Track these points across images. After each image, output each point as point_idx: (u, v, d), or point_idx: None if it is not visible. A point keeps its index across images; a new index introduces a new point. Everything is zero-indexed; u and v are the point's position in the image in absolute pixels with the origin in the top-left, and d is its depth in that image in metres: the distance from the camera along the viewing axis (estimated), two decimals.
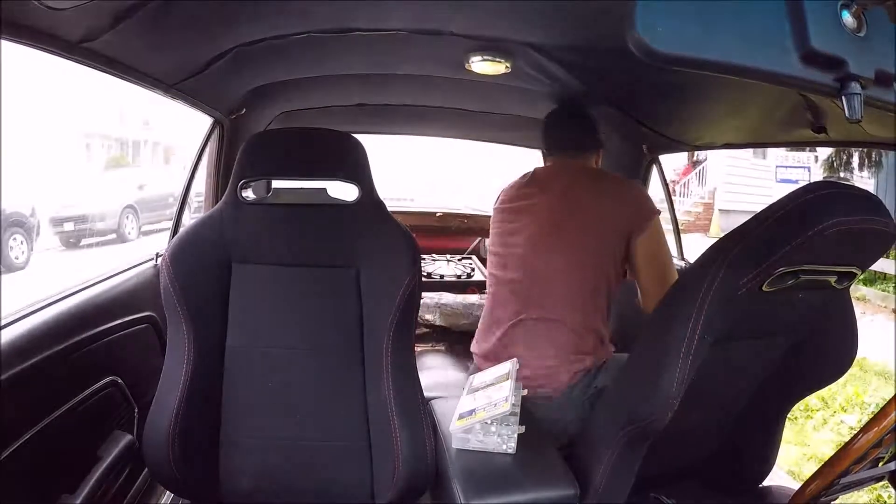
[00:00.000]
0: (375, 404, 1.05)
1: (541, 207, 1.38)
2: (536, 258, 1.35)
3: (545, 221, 1.36)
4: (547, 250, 1.35)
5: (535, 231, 1.37)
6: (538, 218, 1.37)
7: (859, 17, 0.51)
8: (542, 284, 1.34)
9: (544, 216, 1.37)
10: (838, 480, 0.97)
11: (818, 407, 3.07)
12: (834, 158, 7.32)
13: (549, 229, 1.35)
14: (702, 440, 1.19)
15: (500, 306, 1.41)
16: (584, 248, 1.33)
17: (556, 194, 1.38)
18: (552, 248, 1.34)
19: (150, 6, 0.85)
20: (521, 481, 1.02)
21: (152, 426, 1.02)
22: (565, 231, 1.34)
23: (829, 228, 0.81)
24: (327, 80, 1.56)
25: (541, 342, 1.33)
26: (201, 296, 1.04)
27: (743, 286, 0.88)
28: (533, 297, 1.35)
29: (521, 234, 1.39)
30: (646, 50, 0.44)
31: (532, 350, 1.33)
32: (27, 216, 6.88)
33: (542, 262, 1.35)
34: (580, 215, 1.34)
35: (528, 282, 1.36)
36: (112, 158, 12.86)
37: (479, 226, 2.54)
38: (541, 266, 1.35)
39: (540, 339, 1.34)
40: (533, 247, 1.36)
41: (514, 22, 1.10)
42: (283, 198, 1.14)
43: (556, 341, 1.32)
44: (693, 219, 10.13)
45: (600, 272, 1.34)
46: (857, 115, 0.50)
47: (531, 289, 1.35)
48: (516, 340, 1.36)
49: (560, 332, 1.32)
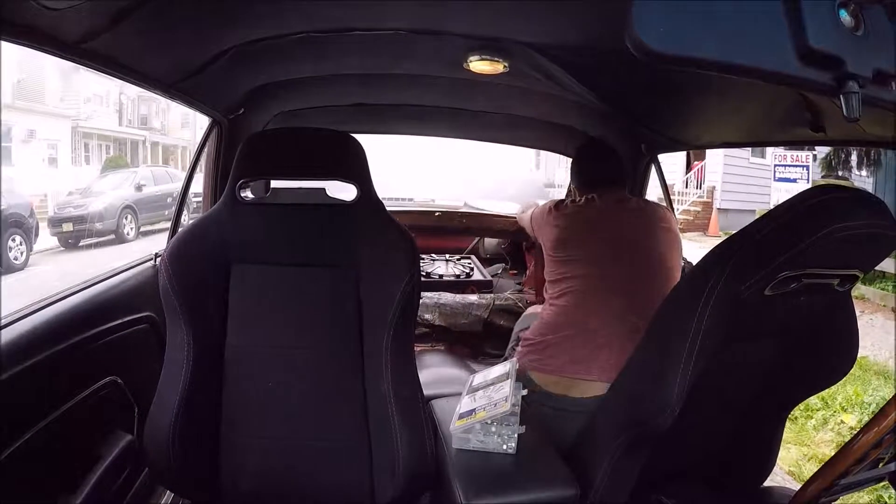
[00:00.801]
0: (375, 404, 1.05)
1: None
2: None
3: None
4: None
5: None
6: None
7: (857, 15, 0.51)
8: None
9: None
10: (838, 481, 0.97)
11: (818, 407, 3.07)
12: (832, 157, 7.32)
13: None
14: (702, 441, 1.19)
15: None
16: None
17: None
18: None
19: (148, 6, 0.85)
20: (522, 481, 1.02)
21: (152, 426, 1.02)
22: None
23: (833, 233, 0.81)
24: (326, 79, 1.56)
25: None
26: (200, 296, 1.04)
27: (745, 290, 0.88)
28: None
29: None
30: (643, 49, 0.44)
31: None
32: (26, 216, 6.88)
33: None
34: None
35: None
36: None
37: (478, 225, 2.54)
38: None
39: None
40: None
41: (513, 22, 1.10)
42: (282, 198, 1.14)
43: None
44: (692, 218, 10.13)
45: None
46: (856, 114, 0.50)
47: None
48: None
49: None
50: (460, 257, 2.54)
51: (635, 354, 1.08)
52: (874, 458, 0.95)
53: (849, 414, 3.04)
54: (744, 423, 1.18)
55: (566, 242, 1.46)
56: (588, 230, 1.46)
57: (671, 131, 1.74)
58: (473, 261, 2.52)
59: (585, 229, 1.46)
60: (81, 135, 13.16)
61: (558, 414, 1.30)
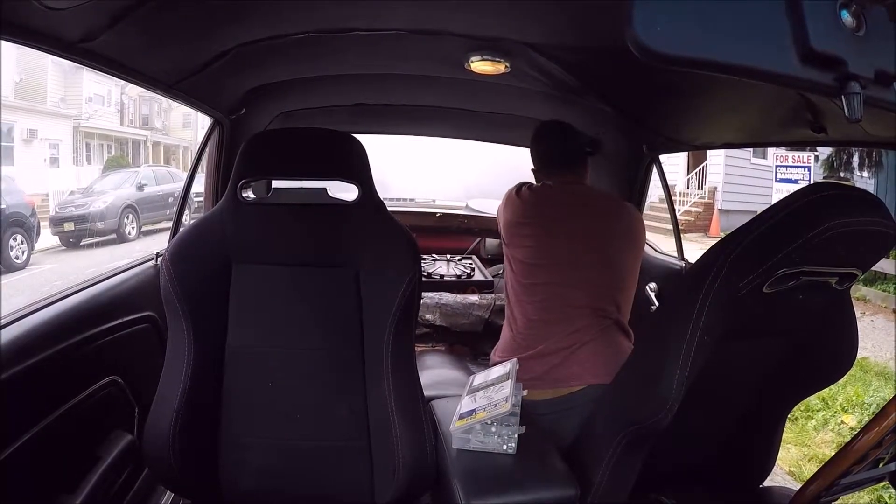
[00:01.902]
0: (375, 404, 1.05)
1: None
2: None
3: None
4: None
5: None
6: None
7: (859, 16, 0.50)
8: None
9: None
10: (839, 481, 0.97)
11: (818, 407, 3.07)
12: (834, 158, 7.30)
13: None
14: (702, 440, 1.19)
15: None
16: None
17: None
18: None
19: (148, 6, 0.85)
20: (522, 481, 1.02)
21: (152, 426, 1.02)
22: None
23: (830, 230, 0.81)
24: (327, 79, 1.56)
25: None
26: (201, 296, 1.04)
27: (744, 287, 0.88)
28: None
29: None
30: (644, 50, 0.44)
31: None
32: (27, 216, 6.89)
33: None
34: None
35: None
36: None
37: (479, 226, 2.54)
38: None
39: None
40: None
41: (513, 22, 1.10)
42: (283, 198, 1.14)
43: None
44: (693, 219, 10.12)
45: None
46: (857, 115, 0.50)
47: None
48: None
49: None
50: (461, 258, 2.54)
51: (634, 352, 1.08)
52: (874, 458, 0.95)
53: (849, 414, 3.03)
54: (743, 423, 1.18)
55: (521, 244, 1.43)
56: (546, 233, 1.41)
57: (672, 131, 1.74)
58: (474, 261, 2.52)
59: (543, 233, 1.41)
60: (83, 134, 13.17)
61: (548, 417, 1.29)
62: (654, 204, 8.52)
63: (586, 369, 1.30)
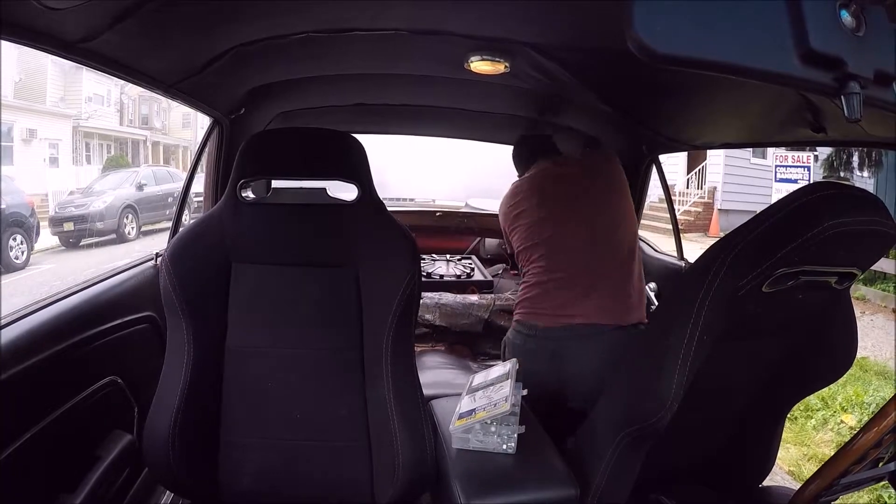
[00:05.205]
0: (375, 404, 1.05)
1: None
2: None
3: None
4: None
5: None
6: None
7: (858, 16, 0.50)
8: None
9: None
10: (838, 481, 0.98)
11: (818, 407, 3.07)
12: (834, 158, 7.30)
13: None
14: (702, 440, 1.19)
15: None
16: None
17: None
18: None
19: (148, 6, 0.85)
20: (522, 481, 1.02)
21: (152, 426, 1.02)
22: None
23: (829, 230, 0.81)
24: (326, 79, 1.56)
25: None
26: (201, 296, 1.04)
27: (743, 287, 0.88)
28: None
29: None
30: (644, 50, 0.44)
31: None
32: (27, 216, 6.89)
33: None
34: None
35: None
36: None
37: (478, 225, 2.54)
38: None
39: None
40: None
41: (514, 22, 1.10)
42: (283, 197, 1.14)
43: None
44: (693, 218, 10.12)
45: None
46: (857, 115, 0.49)
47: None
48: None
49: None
50: (461, 257, 2.54)
51: (633, 351, 1.08)
52: (874, 457, 0.96)
53: (849, 414, 3.04)
54: (743, 423, 1.18)
55: (526, 212, 1.60)
56: (541, 196, 1.59)
57: (672, 131, 1.74)
58: (474, 261, 2.52)
59: (539, 196, 1.60)
60: (82, 134, 13.16)
61: (563, 344, 1.48)
62: (654, 204, 8.53)
63: (596, 314, 1.47)
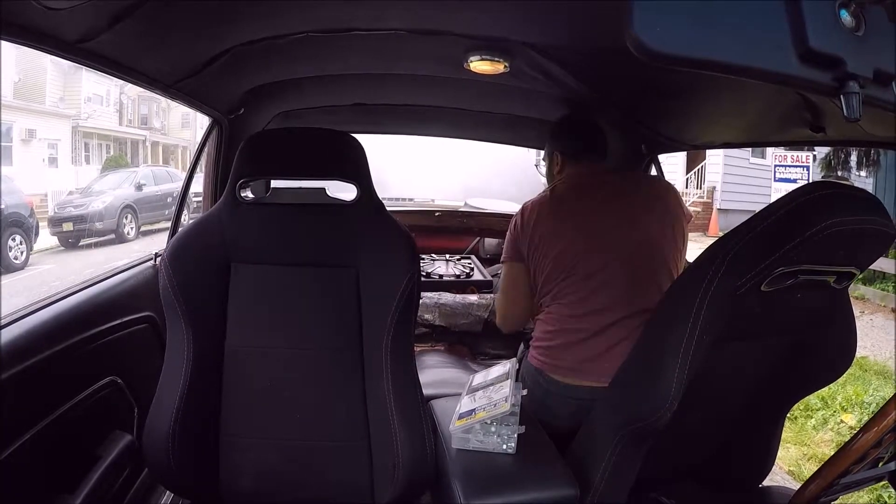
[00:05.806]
0: (375, 404, 1.05)
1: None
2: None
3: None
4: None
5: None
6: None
7: (858, 16, 0.50)
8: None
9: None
10: (838, 481, 0.98)
11: (818, 407, 3.07)
12: (832, 157, 7.31)
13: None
14: (701, 440, 1.19)
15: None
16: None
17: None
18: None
19: (147, 6, 0.85)
20: (521, 481, 1.02)
21: (152, 426, 1.02)
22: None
23: (828, 228, 0.82)
24: (326, 79, 1.56)
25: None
26: (200, 296, 1.04)
27: (742, 286, 0.88)
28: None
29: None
30: (643, 49, 0.44)
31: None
32: (26, 216, 6.89)
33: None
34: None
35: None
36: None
37: (478, 225, 2.54)
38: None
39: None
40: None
41: (513, 21, 1.10)
42: (282, 197, 1.14)
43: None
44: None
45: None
46: (856, 115, 0.50)
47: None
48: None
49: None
50: (460, 257, 2.54)
51: (633, 351, 1.08)
52: (874, 457, 0.96)
53: (849, 414, 3.04)
54: (743, 423, 1.18)
55: (555, 236, 1.36)
56: (583, 219, 1.37)
57: (671, 131, 1.74)
58: (473, 261, 2.52)
59: (573, 224, 1.36)
60: (82, 134, 13.16)
61: (586, 405, 1.23)
62: None
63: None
